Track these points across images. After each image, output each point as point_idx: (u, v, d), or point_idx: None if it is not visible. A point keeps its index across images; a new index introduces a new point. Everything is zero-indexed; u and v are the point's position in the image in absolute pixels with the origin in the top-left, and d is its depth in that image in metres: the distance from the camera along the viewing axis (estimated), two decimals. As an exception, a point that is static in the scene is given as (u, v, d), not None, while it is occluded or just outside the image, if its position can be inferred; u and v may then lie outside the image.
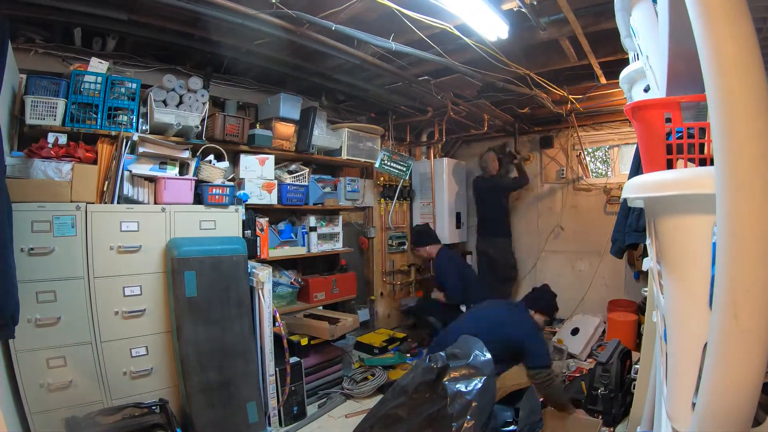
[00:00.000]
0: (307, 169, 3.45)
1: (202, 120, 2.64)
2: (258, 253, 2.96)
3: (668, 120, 0.76)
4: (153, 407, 2.07)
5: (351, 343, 3.55)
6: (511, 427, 2.24)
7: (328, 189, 3.71)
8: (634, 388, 2.07)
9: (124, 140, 2.31)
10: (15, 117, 2.16)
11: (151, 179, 2.43)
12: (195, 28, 2.37)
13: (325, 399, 2.88)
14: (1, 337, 1.66)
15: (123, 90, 2.36)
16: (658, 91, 0.89)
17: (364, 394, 2.93)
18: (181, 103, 2.53)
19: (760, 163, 0.44)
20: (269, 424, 2.49)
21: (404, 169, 4.28)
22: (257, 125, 3.16)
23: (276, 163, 3.20)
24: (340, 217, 3.75)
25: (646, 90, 1.16)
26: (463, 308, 3.75)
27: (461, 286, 3.80)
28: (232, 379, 2.33)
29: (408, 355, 3.67)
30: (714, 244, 0.55)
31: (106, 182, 2.23)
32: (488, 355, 2.08)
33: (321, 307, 3.51)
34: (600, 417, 2.45)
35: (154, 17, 2.23)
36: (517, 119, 4.43)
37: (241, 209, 2.73)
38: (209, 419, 2.23)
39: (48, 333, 1.98)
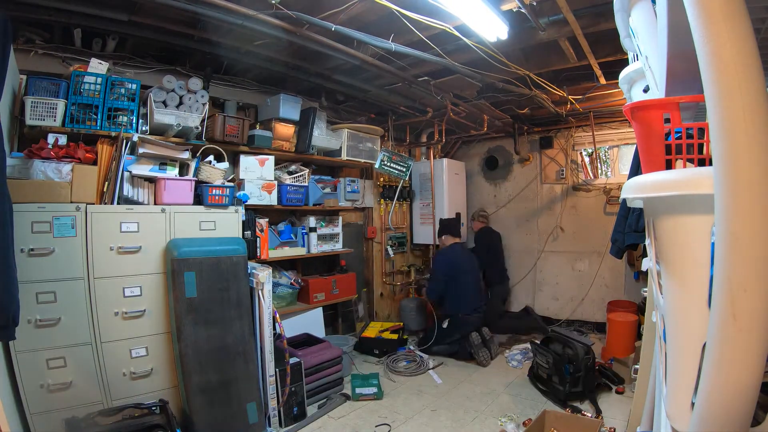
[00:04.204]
0: (307, 170, 3.45)
1: (202, 121, 2.64)
2: (258, 254, 2.96)
3: (667, 120, 0.76)
4: (153, 408, 2.07)
5: (351, 344, 3.55)
6: None
7: (327, 189, 3.71)
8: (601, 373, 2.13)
9: (124, 141, 2.32)
10: (15, 118, 2.17)
11: (151, 180, 2.43)
12: (195, 29, 2.38)
13: (325, 400, 2.88)
14: (2, 338, 1.66)
15: (123, 91, 2.36)
16: (658, 92, 0.89)
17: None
18: (181, 103, 2.53)
19: (759, 163, 0.44)
20: (269, 425, 2.49)
21: (404, 169, 4.28)
22: (257, 126, 3.16)
23: (276, 163, 3.20)
24: (340, 218, 3.75)
25: (646, 90, 1.16)
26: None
27: (443, 284, 3.83)
28: (232, 380, 2.32)
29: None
30: (713, 244, 0.55)
31: (106, 183, 2.24)
32: None
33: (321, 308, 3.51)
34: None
35: (154, 18, 2.24)
36: (517, 120, 4.43)
37: (241, 210, 2.72)
38: (209, 420, 2.23)
39: (48, 334, 1.97)
